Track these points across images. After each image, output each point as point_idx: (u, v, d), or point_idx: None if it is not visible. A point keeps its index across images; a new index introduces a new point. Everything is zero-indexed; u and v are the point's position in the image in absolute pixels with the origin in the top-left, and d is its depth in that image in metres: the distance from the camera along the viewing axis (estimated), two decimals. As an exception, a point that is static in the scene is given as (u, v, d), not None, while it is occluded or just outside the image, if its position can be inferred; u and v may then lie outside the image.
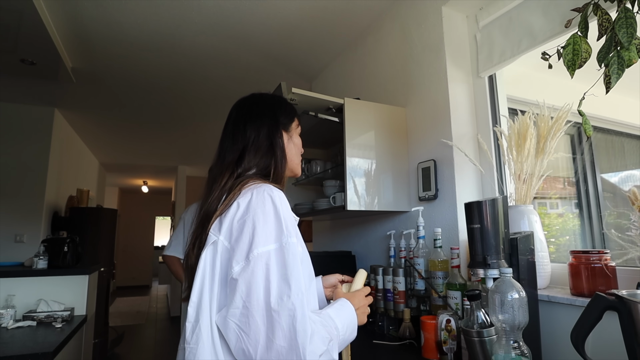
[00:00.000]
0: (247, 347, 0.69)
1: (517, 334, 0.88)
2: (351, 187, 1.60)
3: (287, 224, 0.76)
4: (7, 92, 3.36)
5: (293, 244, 0.75)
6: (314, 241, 2.79)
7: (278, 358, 0.67)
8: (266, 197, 0.77)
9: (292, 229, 0.77)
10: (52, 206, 3.96)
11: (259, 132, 0.91)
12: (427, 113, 1.69)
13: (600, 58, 0.92)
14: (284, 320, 0.68)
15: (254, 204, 0.77)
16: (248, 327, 0.69)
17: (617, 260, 1.13)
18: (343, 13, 2.10)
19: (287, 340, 0.67)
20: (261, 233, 0.73)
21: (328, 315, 0.79)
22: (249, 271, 0.71)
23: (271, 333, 0.68)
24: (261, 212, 0.76)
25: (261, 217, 0.75)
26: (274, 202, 0.77)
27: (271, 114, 0.95)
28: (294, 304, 0.69)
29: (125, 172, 7.55)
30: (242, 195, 0.79)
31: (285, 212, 0.78)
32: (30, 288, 2.36)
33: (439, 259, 1.37)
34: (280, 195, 0.80)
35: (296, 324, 0.68)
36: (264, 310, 0.69)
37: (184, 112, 3.94)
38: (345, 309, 0.85)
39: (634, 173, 1.79)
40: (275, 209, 0.76)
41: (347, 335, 0.82)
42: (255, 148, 0.90)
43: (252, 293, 0.70)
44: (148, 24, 2.22)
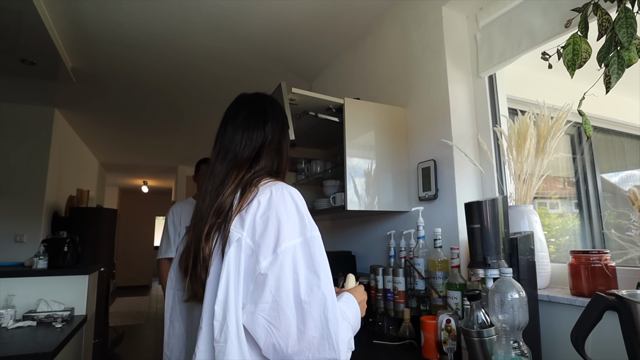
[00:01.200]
0: (278, 341, 0.69)
1: (517, 334, 0.88)
2: (351, 187, 1.60)
3: (309, 218, 0.79)
4: (7, 92, 3.36)
5: (317, 237, 0.77)
6: (314, 241, 2.79)
7: (309, 349, 0.69)
8: (285, 194, 0.79)
9: (314, 223, 0.80)
10: (52, 206, 3.96)
11: (276, 132, 0.93)
12: (427, 113, 1.69)
13: (600, 58, 0.92)
14: (315, 310, 0.70)
15: (275, 200, 0.78)
16: (278, 321, 0.69)
17: (617, 260, 1.13)
18: (343, 13, 2.10)
19: (319, 330, 0.69)
20: (286, 228, 0.75)
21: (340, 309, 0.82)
22: (277, 265, 0.72)
23: (302, 325, 0.69)
24: (283, 208, 0.77)
25: (284, 213, 0.76)
26: (294, 198, 0.79)
27: (283, 116, 0.98)
28: (324, 293, 0.71)
29: (125, 172, 7.55)
30: (262, 193, 0.79)
31: (305, 207, 0.80)
32: (30, 288, 2.36)
33: (439, 259, 1.37)
34: (297, 191, 0.82)
35: (328, 312, 0.70)
36: (294, 302, 0.70)
37: (184, 112, 3.94)
38: (351, 302, 0.88)
39: (634, 173, 1.79)
40: (295, 204, 0.79)
41: (356, 327, 0.85)
42: (271, 147, 0.92)
43: (282, 287, 0.71)
44: (148, 24, 2.22)
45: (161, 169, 7.26)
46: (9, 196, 3.54)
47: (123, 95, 3.43)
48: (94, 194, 5.75)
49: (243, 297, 0.74)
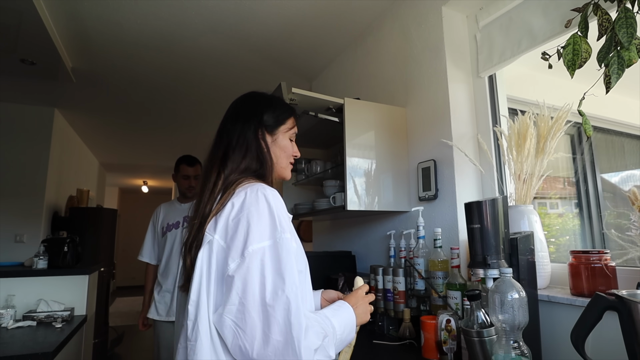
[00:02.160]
0: (244, 344, 0.69)
1: (517, 334, 0.88)
2: (351, 187, 1.60)
3: (281, 221, 0.77)
4: (7, 92, 3.36)
5: (287, 240, 0.76)
6: (314, 241, 2.79)
7: (275, 353, 0.68)
8: (260, 196, 0.79)
9: (286, 225, 0.78)
10: (52, 206, 3.96)
11: (244, 131, 0.92)
12: (427, 113, 1.69)
13: (600, 58, 0.92)
14: (279, 314, 0.69)
15: (247, 202, 0.78)
16: (244, 323, 0.70)
17: (617, 260, 1.13)
18: (343, 13, 2.10)
19: (283, 335, 0.68)
20: (255, 230, 0.75)
21: (324, 315, 0.81)
22: (244, 267, 0.72)
23: (267, 328, 0.69)
24: (255, 209, 0.77)
25: (255, 215, 0.76)
26: (268, 200, 0.78)
27: (256, 113, 0.95)
28: (289, 297, 0.70)
29: (125, 172, 7.55)
30: (236, 195, 0.81)
31: (279, 209, 0.79)
32: (30, 288, 2.36)
33: (439, 259, 1.37)
34: (273, 193, 0.81)
35: (291, 317, 0.69)
36: (260, 305, 0.70)
37: (184, 112, 3.94)
38: (342, 309, 0.86)
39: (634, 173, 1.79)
40: (268, 206, 0.78)
41: (345, 335, 0.83)
42: (240, 147, 0.90)
43: (248, 289, 0.71)
44: (148, 24, 2.22)
45: (161, 169, 7.26)
46: (9, 196, 3.54)
47: (123, 95, 3.43)
48: (94, 194, 5.75)
49: (218, 299, 0.75)
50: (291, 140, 1.00)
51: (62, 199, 4.27)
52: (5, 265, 2.77)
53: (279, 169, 0.98)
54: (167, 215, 2.30)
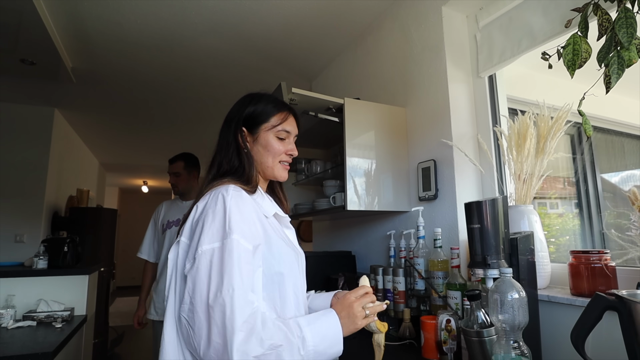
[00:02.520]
0: (194, 343, 0.71)
1: (517, 334, 0.88)
2: (351, 187, 1.60)
3: (231, 222, 0.77)
4: (7, 92, 3.36)
5: (232, 241, 0.75)
6: (314, 241, 2.79)
7: (216, 355, 0.68)
8: (219, 197, 0.80)
9: (237, 226, 0.77)
10: (52, 206, 3.96)
11: (225, 134, 0.95)
12: (427, 113, 1.69)
13: (600, 58, 0.92)
14: (217, 316, 0.69)
15: (208, 204, 0.81)
16: (194, 322, 0.72)
17: (617, 260, 1.13)
18: (343, 13, 2.10)
19: (222, 337, 0.68)
20: (207, 231, 0.76)
21: (296, 324, 0.77)
22: (194, 268, 0.74)
23: (209, 329, 0.70)
24: (211, 211, 0.79)
25: (210, 217, 0.78)
26: (225, 201, 0.79)
27: (238, 112, 0.96)
28: (224, 300, 0.70)
29: (125, 172, 7.55)
30: (203, 198, 0.84)
31: (234, 210, 0.78)
32: (30, 288, 2.36)
33: (439, 259, 1.37)
34: (234, 194, 0.81)
35: (226, 320, 0.69)
36: (205, 306, 0.71)
37: (184, 112, 3.94)
38: (324, 319, 0.81)
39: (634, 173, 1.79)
40: (223, 208, 0.78)
41: (326, 347, 0.77)
42: (223, 147, 0.93)
43: (197, 289, 0.73)
44: (148, 24, 2.22)
45: (161, 169, 7.24)
46: (9, 196, 3.54)
47: (123, 95, 3.43)
48: (94, 194, 5.74)
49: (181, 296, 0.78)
50: (281, 138, 0.96)
51: (62, 199, 4.27)
52: (5, 265, 2.77)
53: (266, 169, 0.96)
54: (168, 212, 2.32)
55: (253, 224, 0.81)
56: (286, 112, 0.98)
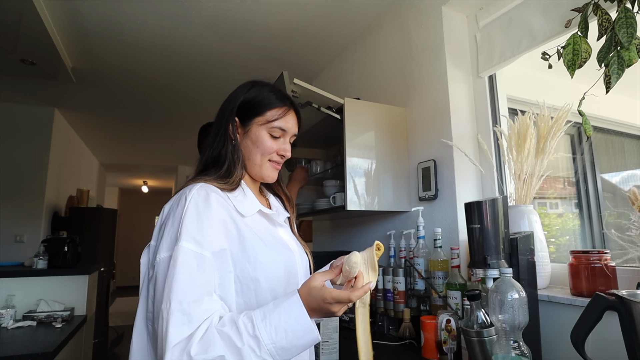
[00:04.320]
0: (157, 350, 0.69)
1: (517, 334, 0.88)
2: (351, 187, 1.60)
3: (182, 227, 0.71)
4: (7, 92, 3.36)
5: (178, 249, 0.69)
6: (314, 241, 2.79)
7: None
8: (181, 200, 0.75)
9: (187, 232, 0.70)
10: (52, 206, 3.96)
11: (220, 119, 0.88)
12: (427, 113, 1.69)
13: (600, 58, 0.92)
14: (159, 329, 0.66)
15: (171, 207, 0.77)
16: (155, 333, 0.69)
17: (617, 260, 1.13)
18: (343, 13, 2.10)
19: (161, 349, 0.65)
20: (166, 239, 0.73)
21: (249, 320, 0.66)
22: (154, 277, 0.72)
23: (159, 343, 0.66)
24: (172, 216, 0.75)
25: (170, 222, 0.74)
26: (187, 204, 0.74)
27: (235, 99, 0.88)
28: (162, 315, 0.66)
29: (125, 172, 7.55)
30: (169, 201, 0.80)
31: (189, 213, 0.72)
32: (30, 288, 2.36)
33: (439, 259, 1.37)
34: (197, 195, 0.75)
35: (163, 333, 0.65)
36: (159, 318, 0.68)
37: (184, 112, 3.94)
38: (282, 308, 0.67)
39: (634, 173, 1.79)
40: (184, 210, 0.73)
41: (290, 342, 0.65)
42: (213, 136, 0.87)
43: (156, 299, 0.70)
44: (148, 24, 2.22)
45: (161, 169, 7.25)
46: (9, 196, 3.54)
47: (123, 95, 3.43)
48: (94, 194, 5.74)
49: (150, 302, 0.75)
50: (274, 136, 0.87)
51: (62, 199, 4.27)
52: (5, 265, 2.77)
53: (252, 166, 0.87)
54: None
55: (216, 226, 0.73)
56: (286, 107, 0.88)
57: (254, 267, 0.77)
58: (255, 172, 0.88)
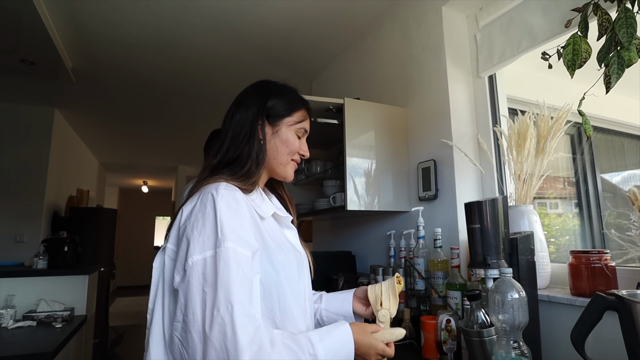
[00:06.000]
0: None
1: (517, 334, 0.88)
2: (351, 187, 1.60)
3: (224, 227, 0.68)
4: (7, 92, 3.36)
5: (227, 249, 0.66)
6: (314, 241, 2.79)
7: None
8: (208, 200, 0.71)
9: (230, 232, 0.68)
10: (52, 206, 3.96)
11: (242, 119, 0.85)
12: (427, 113, 1.69)
13: (600, 58, 0.92)
14: (215, 337, 0.61)
15: (196, 208, 0.72)
16: (187, 343, 0.64)
17: (617, 260, 1.13)
18: (343, 13, 2.10)
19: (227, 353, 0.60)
20: (197, 240, 0.68)
21: (307, 340, 0.69)
22: (185, 282, 0.66)
23: (205, 352, 0.61)
24: (201, 216, 0.70)
25: (200, 223, 0.69)
26: (215, 204, 0.70)
27: (260, 99, 0.87)
28: (224, 318, 0.61)
29: (125, 172, 7.55)
30: (190, 201, 0.75)
31: (225, 213, 0.70)
32: (30, 288, 2.37)
33: (439, 259, 1.37)
34: (226, 194, 0.72)
35: (227, 341, 0.60)
36: (200, 325, 0.63)
37: (183, 112, 3.94)
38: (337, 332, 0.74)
39: (634, 173, 1.79)
40: (216, 211, 0.69)
41: None
42: (233, 136, 0.83)
43: (189, 306, 0.64)
44: (148, 24, 2.22)
45: (161, 169, 7.26)
46: (9, 196, 3.54)
47: (123, 95, 3.43)
48: (94, 194, 5.74)
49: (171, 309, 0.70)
50: (298, 137, 0.91)
51: (62, 199, 4.27)
52: (5, 265, 2.77)
53: (277, 166, 0.88)
54: None
55: (249, 227, 0.73)
56: (306, 110, 0.93)
57: (277, 271, 0.77)
58: (280, 171, 0.89)
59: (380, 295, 0.86)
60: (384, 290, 0.87)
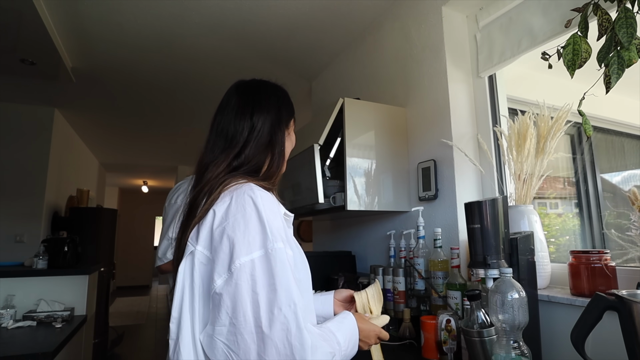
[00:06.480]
0: None
1: (517, 334, 0.88)
2: (351, 187, 1.60)
3: (272, 228, 0.69)
4: (7, 92, 3.36)
5: (279, 250, 0.68)
6: (314, 241, 2.79)
7: None
8: (247, 200, 0.70)
9: (278, 233, 0.70)
10: (52, 206, 3.96)
11: (264, 124, 0.84)
12: (427, 113, 1.69)
13: (600, 58, 0.92)
14: (277, 335, 0.62)
15: (233, 209, 0.70)
16: (237, 346, 0.63)
17: (617, 260, 1.13)
18: (343, 13, 2.10)
19: (283, 357, 0.62)
20: (243, 241, 0.67)
21: (328, 329, 0.74)
22: (232, 284, 0.65)
23: (263, 351, 0.62)
24: (241, 217, 0.69)
25: (242, 223, 0.68)
26: (256, 205, 0.70)
27: (276, 106, 0.89)
28: (286, 316, 0.63)
29: (125, 172, 7.55)
30: (220, 201, 0.72)
31: (269, 214, 0.71)
32: (30, 288, 2.36)
33: (439, 259, 1.37)
34: (263, 195, 0.73)
35: (291, 338, 0.62)
36: (253, 326, 0.63)
37: (183, 112, 3.94)
38: (346, 322, 0.81)
39: (634, 173, 1.79)
40: (257, 212, 0.69)
41: (350, 350, 0.77)
42: (257, 140, 0.82)
43: (239, 308, 0.64)
44: (148, 24, 2.22)
45: (161, 169, 7.25)
46: (9, 196, 3.54)
47: (123, 95, 3.43)
48: (94, 194, 5.75)
49: (205, 315, 0.68)
50: None
51: (62, 199, 4.28)
52: (5, 265, 2.77)
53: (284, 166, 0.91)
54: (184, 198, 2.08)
55: (284, 227, 0.74)
56: None
57: (299, 269, 0.79)
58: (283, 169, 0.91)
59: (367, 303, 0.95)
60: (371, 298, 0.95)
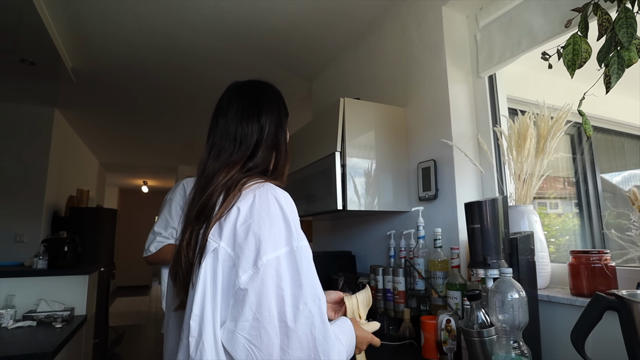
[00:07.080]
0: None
1: (517, 334, 0.88)
2: (351, 187, 1.60)
3: (295, 226, 0.72)
4: (7, 92, 3.36)
5: (304, 247, 0.70)
6: (314, 241, 2.79)
7: None
8: (271, 199, 0.72)
9: (301, 231, 0.73)
10: (52, 206, 3.96)
11: (270, 125, 0.85)
12: (427, 113, 1.69)
13: (600, 58, 0.92)
14: (302, 329, 0.65)
15: (257, 206, 0.71)
16: (260, 340, 0.64)
17: (617, 260, 1.13)
18: (343, 13, 2.10)
19: (306, 351, 0.64)
20: (268, 238, 0.68)
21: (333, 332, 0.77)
22: (258, 280, 0.66)
23: (286, 345, 0.64)
24: (266, 215, 0.70)
25: (267, 221, 0.70)
26: (280, 204, 0.72)
27: (277, 106, 0.90)
28: (311, 311, 0.66)
29: (125, 172, 7.55)
30: (243, 198, 0.73)
31: (292, 213, 0.73)
32: (30, 288, 2.36)
33: (439, 259, 1.37)
34: (285, 195, 0.75)
35: (315, 331, 0.65)
36: (277, 321, 0.65)
37: (183, 112, 3.94)
38: (346, 326, 0.83)
39: (634, 173, 1.79)
40: (282, 211, 0.72)
41: (349, 353, 0.80)
42: (266, 142, 0.83)
43: (264, 303, 0.65)
44: (148, 24, 2.22)
45: (161, 169, 7.26)
46: (9, 196, 3.54)
47: (123, 95, 3.43)
48: (94, 194, 5.75)
49: (223, 312, 0.68)
50: None
51: (62, 199, 4.28)
52: (5, 265, 2.77)
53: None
54: None
55: None
56: None
57: None
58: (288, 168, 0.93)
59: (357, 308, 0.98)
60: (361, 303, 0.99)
